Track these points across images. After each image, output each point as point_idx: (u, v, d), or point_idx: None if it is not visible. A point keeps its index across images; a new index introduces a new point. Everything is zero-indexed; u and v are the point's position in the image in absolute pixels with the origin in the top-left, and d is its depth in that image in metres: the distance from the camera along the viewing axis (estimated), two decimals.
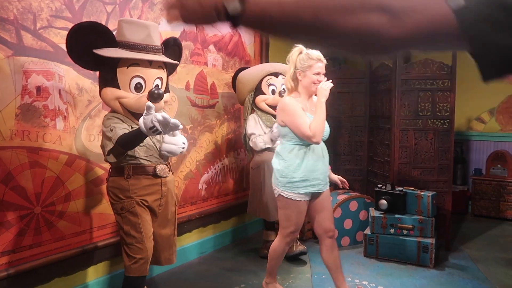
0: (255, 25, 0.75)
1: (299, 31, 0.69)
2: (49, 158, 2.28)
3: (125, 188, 2.09)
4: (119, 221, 2.14)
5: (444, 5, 0.59)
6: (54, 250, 2.33)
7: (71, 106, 2.38)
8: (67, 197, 2.38)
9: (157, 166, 2.16)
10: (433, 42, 0.65)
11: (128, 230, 2.09)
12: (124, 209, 2.09)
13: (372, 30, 0.62)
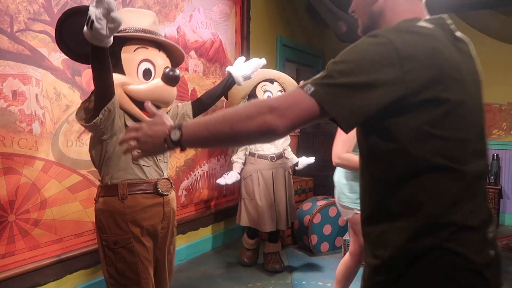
0: (194, 144, 1.04)
1: (222, 139, 0.97)
2: (25, 164, 2.21)
3: (119, 212, 1.67)
4: (109, 256, 1.69)
5: (306, 96, 0.89)
6: (29, 259, 2.25)
7: (48, 111, 2.32)
8: (42, 205, 2.31)
9: (159, 182, 1.75)
10: (311, 122, 0.93)
11: (123, 270, 1.68)
12: (119, 244, 1.68)
13: (267, 124, 0.89)
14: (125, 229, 1.68)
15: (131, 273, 1.68)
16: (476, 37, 4.67)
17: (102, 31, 1.30)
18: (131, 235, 1.68)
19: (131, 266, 1.68)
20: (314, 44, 5.41)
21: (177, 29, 3.16)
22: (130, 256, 1.68)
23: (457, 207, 0.90)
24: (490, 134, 4.79)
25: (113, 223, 1.68)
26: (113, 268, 1.70)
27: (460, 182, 0.90)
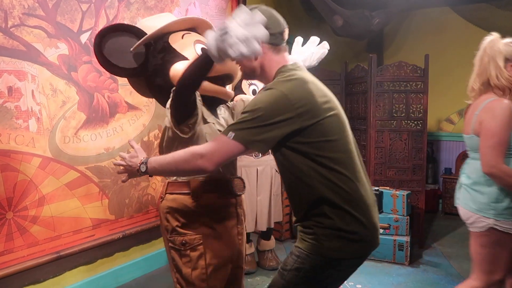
0: (156, 174, 1.45)
1: (173, 174, 1.53)
2: (22, 161, 2.20)
3: (191, 211, 1.52)
4: (176, 259, 1.54)
5: (229, 140, 1.25)
6: (27, 256, 2.25)
7: (45, 107, 2.30)
8: (40, 201, 2.30)
9: (233, 180, 1.60)
10: (235, 157, 1.42)
11: (188, 276, 1.51)
12: (187, 245, 1.51)
13: (199, 167, 1.26)
14: (196, 229, 1.52)
15: (198, 280, 1.51)
16: (471, 31, 4.69)
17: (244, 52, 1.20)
18: (201, 236, 1.52)
19: (199, 271, 1.51)
20: (308, 38, 5.40)
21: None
22: (199, 260, 1.51)
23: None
24: None
25: (182, 222, 1.53)
26: (179, 273, 1.54)
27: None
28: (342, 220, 1.28)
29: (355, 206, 1.29)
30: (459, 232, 4.10)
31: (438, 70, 4.74)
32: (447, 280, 2.94)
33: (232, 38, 1.17)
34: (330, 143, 1.30)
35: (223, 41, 1.18)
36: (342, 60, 4.48)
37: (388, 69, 3.55)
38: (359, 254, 1.34)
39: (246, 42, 1.18)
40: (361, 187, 1.33)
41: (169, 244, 1.56)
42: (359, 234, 1.29)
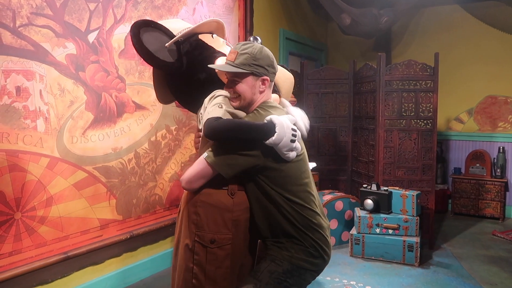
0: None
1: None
2: (30, 161, 2.19)
3: (226, 208, 1.48)
4: (200, 255, 1.49)
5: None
6: (35, 256, 2.24)
7: (53, 107, 2.29)
8: (48, 202, 2.29)
9: None
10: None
11: (212, 273, 1.48)
12: (216, 243, 1.48)
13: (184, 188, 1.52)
14: (228, 228, 1.49)
15: (220, 279, 1.48)
16: (482, 29, 4.63)
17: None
18: (231, 235, 1.49)
19: (224, 271, 1.48)
20: (317, 37, 5.37)
21: None
22: (225, 259, 1.48)
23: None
24: (496, 127, 4.76)
25: (214, 219, 1.48)
26: (201, 269, 1.49)
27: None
28: (305, 241, 1.49)
29: (313, 231, 1.50)
30: (469, 233, 4.05)
31: (447, 68, 4.69)
32: (458, 282, 2.90)
33: (296, 144, 1.43)
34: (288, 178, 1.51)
35: (291, 140, 1.41)
36: (349, 58, 4.45)
37: (397, 68, 3.51)
38: (318, 268, 1.54)
39: (295, 152, 1.45)
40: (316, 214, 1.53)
41: (195, 238, 1.49)
42: (319, 252, 1.50)
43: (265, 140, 1.39)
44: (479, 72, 4.76)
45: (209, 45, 1.69)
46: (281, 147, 1.39)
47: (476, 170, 4.63)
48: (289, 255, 1.48)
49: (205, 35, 1.72)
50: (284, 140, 1.38)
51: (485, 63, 4.72)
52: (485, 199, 4.52)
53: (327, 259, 1.54)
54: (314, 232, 1.50)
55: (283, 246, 1.49)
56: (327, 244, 1.53)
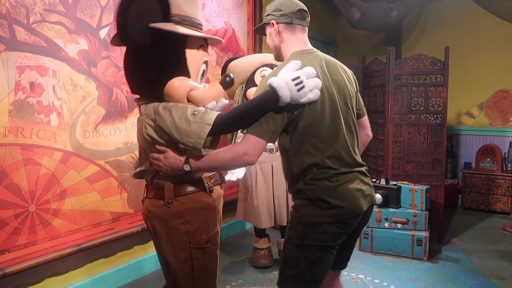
0: (200, 171, 1.48)
1: (218, 170, 1.59)
2: (44, 155, 2.24)
3: (210, 206, 1.53)
4: (199, 258, 1.51)
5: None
6: (50, 248, 2.29)
7: (65, 102, 2.33)
8: (62, 195, 2.34)
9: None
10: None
11: (211, 267, 1.56)
12: (210, 241, 1.53)
13: (246, 162, 1.44)
14: (215, 223, 1.56)
15: (215, 268, 1.58)
16: (494, 23, 4.57)
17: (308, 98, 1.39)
18: (219, 228, 1.59)
19: (217, 260, 1.58)
20: (326, 32, 5.35)
21: None
22: (217, 251, 1.57)
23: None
24: (507, 122, 4.71)
25: (204, 220, 1.51)
26: (201, 271, 1.52)
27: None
28: (310, 193, 1.49)
29: (317, 181, 1.49)
30: (479, 228, 4.03)
31: (457, 62, 4.65)
32: (467, 276, 2.90)
33: (306, 88, 1.35)
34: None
35: (298, 90, 1.34)
36: (359, 53, 4.43)
37: (407, 62, 3.49)
38: (336, 218, 1.48)
39: (314, 91, 1.38)
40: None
41: (190, 246, 1.49)
42: (329, 202, 1.47)
43: (276, 106, 1.38)
44: (491, 66, 4.71)
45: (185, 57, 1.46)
46: (294, 101, 1.36)
47: (486, 165, 4.60)
48: (298, 216, 1.50)
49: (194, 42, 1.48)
50: (292, 95, 1.34)
51: (496, 57, 4.67)
52: (495, 194, 4.49)
53: (346, 206, 1.47)
54: (318, 182, 1.48)
55: (293, 207, 1.55)
56: (340, 190, 1.47)
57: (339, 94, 1.55)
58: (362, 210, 1.52)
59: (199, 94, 1.46)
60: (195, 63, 1.49)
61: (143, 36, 1.41)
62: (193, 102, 1.47)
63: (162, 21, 1.41)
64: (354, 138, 1.61)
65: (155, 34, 1.40)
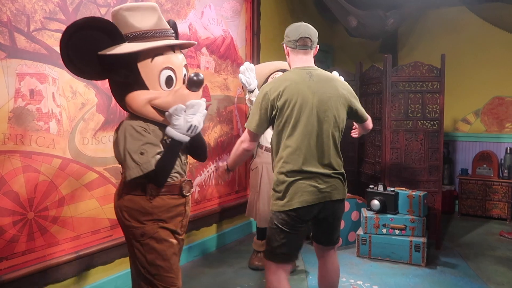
0: (233, 166, 2.15)
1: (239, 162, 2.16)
2: (43, 162, 2.24)
3: (146, 211, 1.68)
4: (138, 249, 1.71)
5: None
6: (48, 256, 2.29)
7: (65, 109, 2.34)
8: (60, 202, 2.34)
9: (183, 184, 1.77)
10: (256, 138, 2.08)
11: (153, 260, 1.70)
12: (145, 235, 1.69)
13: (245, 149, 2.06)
14: (151, 222, 1.70)
15: (161, 261, 1.70)
16: (489, 31, 4.62)
17: (195, 130, 1.68)
18: (156, 226, 1.70)
19: (161, 254, 1.70)
20: (323, 39, 5.38)
21: (188, 26, 3.17)
22: (158, 245, 1.70)
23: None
24: (503, 128, 4.75)
25: (138, 219, 1.69)
26: (143, 260, 1.71)
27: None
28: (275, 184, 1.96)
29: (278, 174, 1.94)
30: (476, 234, 4.05)
31: (453, 69, 4.69)
32: (465, 281, 2.91)
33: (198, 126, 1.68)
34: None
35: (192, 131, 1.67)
36: (356, 60, 4.47)
37: (403, 70, 3.53)
38: (287, 208, 1.89)
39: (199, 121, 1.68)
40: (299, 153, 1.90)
41: (130, 237, 1.73)
42: (283, 194, 1.92)
43: (183, 139, 1.67)
44: (486, 73, 4.76)
45: (138, 71, 1.61)
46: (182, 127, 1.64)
47: (483, 171, 4.62)
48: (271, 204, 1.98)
49: (146, 55, 1.60)
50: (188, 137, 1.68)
51: (492, 64, 4.72)
52: (492, 200, 4.52)
53: (294, 200, 1.87)
54: (279, 176, 1.93)
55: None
56: (292, 185, 1.88)
57: (320, 105, 1.91)
58: (310, 203, 1.88)
59: (160, 103, 1.63)
60: (151, 74, 1.62)
61: (92, 65, 1.59)
62: (160, 109, 1.64)
63: (112, 45, 1.56)
64: (328, 144, 1.94)
65: (103, 60, 1.58)
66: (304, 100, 1.88)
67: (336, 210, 2.04)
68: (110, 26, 1.56)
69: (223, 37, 3.54)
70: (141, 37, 1.59)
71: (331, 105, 1.92)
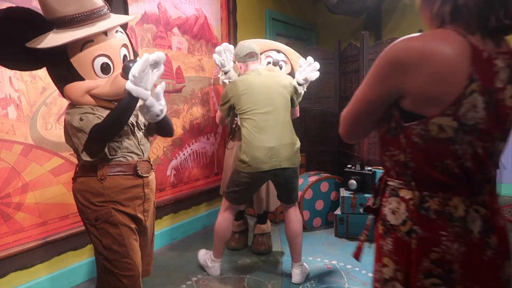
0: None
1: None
2: (2, 148, 2.19)
3: (98, 192, 1.65)
4: (94, 233, 1.68)
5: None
6: (13, 242, 2.26)
7: (24, 94, 2.28)
8: (24, 188, 2.30)
9: (138, 163, 1.71)
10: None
11: (109, 245, 1.67)
12: (100, 219, 1.66)
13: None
14: (105, 206, 1.66)
15: (118, 246, 1.67)
16: None
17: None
18: (110, 209, 1.66)
19: (117, 239, 1.67)
20: (305, 17, 5.29)
21: (157, 5, 3.08)
22: (114, 229, 1.67)
23: None
24: None
25: (91, 202, 1.66)
26: (99, 245, 1.69)
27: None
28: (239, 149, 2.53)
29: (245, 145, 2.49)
30: None
31: None
32: None
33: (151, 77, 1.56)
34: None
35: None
36: (339, 38, 4.38)
37: (381, 46, 3.45)
38: (247, 171, 2.48)
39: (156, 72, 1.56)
40: (259, 135, 2.46)
41: (85, 222, 1.71)
42: (245, 161, 2.47)
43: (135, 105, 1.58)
44: None
45: (70, 63, 1.54)
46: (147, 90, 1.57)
47: None
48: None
49: (74, 46, 1.51)
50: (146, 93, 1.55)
51: None
52: None
53: (254, 166, 2.43)
54: (243, 145, 2.49)
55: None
56: (251, 154, 2.43)
57: (267, 93, 2.51)
58: (264, 169, 2.44)
59: (98, 92, 1.59)
60: (83, 64, 1.55)
61: (23, 58, 1.51)
62: (101, 97, 1.60)
63: (38, 35, 1.47)
64: (278, 120, 2.49)
65: (32, 52, 1.48)
66: (259, 89, 2.51)
67: (287, 176, 2.51)
68: (30, 14, 1.47)
69: (196, 16, 3.45)
70: (69, 23, 1.49)
71: (275, 93, 2.52)
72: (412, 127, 0.91)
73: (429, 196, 0.94)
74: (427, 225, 0.93)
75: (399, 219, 1.00)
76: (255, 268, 2.83)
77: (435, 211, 0.93)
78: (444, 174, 0.92)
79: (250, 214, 3.65)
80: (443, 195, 0.93)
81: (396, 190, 1.02)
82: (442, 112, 0.86)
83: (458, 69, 0.84)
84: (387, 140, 1.01)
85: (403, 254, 0.98)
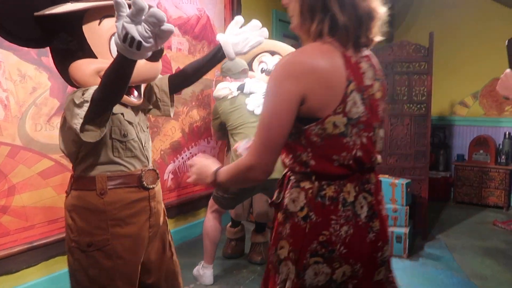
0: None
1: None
2: None
3: (98, 209, 1.39)
4: (80, 260, 1.41)
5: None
6: None
7: (12, 93, 2.22)
8: (10, 191, 2.23)
9: (143, 173, 1.47)
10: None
11: (95, 277, 1.41)
12: (93, 246, 1.39)
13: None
14: (104, 229, 1.40)
15: (106, 280, 1.41)
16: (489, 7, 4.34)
17: (152, 49, 1.09)
18: (110, 236, 1.40)
19: (108, 272, 1.41)
20: None
21: (157, 4, 3.00)
22: (107, 261, 1.41)
23: None
24: (503, 111, 4.51)
25: (88, 221, 1.40)
26: (83, 274, 1.42)
27: None
28: None
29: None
30: (469, 222, 3.87)
31: (450, 49, 4.45)
32: (446, 275, 2.75)
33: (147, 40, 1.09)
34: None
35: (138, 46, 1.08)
36: None
37: (388, 49, 3.32)
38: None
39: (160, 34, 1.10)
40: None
41: (72, 244, 1.41)
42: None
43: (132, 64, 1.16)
44: (486, 53, 4.49)
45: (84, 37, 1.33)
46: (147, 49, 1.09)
47: (479, 156, 4.41)
48: None
49: (93, 17, 1.33)
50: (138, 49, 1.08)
51: (492, 44, 4.44)
52: (488, 187, 4.31)
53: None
54: (234, 157, 2.47)
55: None
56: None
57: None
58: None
59: None
60: (99, 39, 1.33)
61: (28, 28, 1.29)
62: None
63: (52, 5, 1.28)
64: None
65: (41, 23, 1.29)
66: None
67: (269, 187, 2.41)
68: None
69: (198, 16, 3.36)
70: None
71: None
72: (311, 128, 1.03)
73: (327, 184, 1.06)
74: (321, 211, 1.05)
75: (297, 206, 1.09)
76: (250, 279, 2.71)
77: (329, 197, 1.06)
78: (341, 167, 1.06)
79: (250, 221, 3.54)
80: (339, 183, 1.06)
81: (297, 182, 1.11)
82: (334, 111, 1.01)
83: (337, 74, 1.01)
84: (289, 144, 1.09)
85: (298, 237, 1.08)
